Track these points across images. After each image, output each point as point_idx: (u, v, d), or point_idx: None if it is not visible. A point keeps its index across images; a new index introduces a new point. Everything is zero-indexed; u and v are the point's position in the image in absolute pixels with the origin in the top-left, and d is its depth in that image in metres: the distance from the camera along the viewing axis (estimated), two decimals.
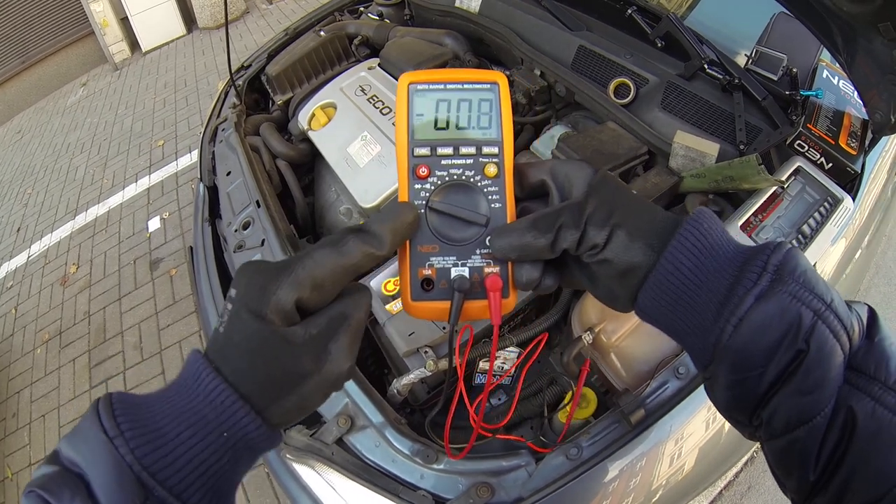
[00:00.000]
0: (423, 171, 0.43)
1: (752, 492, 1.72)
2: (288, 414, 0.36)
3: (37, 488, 0.30)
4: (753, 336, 0.34)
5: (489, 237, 0.42)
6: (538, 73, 1.48)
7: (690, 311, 0.37)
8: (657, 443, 0.89)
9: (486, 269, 0.42)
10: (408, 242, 0.43)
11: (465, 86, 0.44)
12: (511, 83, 1.52)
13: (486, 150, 0.43)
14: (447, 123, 0.44)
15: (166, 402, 0.35)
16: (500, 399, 1.17)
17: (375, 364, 1.24)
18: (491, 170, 0.43)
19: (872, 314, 0.36)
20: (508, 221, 0.42)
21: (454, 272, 0.42)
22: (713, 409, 0.83)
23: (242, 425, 0.34)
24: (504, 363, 1.05)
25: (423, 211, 0.43)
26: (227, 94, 1.90)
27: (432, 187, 0.43)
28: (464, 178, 0.43)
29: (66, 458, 0.32)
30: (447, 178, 0.43)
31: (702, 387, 0.87)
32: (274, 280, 0.35)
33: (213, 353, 0.36)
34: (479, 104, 0.44)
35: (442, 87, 0.44)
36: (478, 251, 0.42)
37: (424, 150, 0.43)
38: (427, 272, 0.42)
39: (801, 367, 0.33)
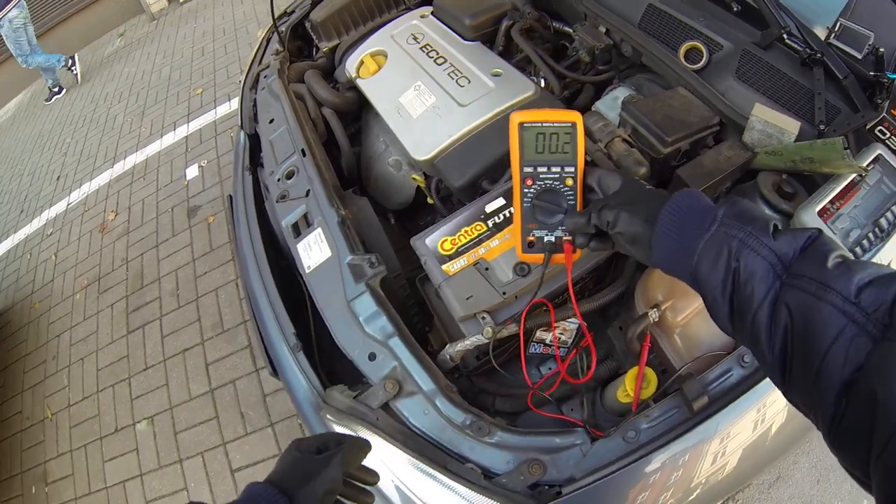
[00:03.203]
0: (529, 181, 0.75)
1: (781, 482, 1.67)
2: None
3: None
4: (707, 265, 0.55)
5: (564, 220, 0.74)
6: (603, 30, 1.36)
7: (680, 260, 0.58)
8: (703, 439, 0.83)
9: (564, 238, 0.75)
10: (520, 220, 0.77)
11: (555, 125, 0.73)
12: (573, 39, 1.40)
13: (567, 169, 0.74)
14: (543, 149, 0.74)
15: None
16: (549, 369, 1.12)
17: (421, 321, 1.19)
18: (569, 181, 0.74)
19: (814, 234, 0.52)
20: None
21: (546, 238, 0.76)
22: (762, 410, 0.87)
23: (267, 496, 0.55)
24: (563, 333, 0.99)
25: (529, 204, 0.75)
26: (268, 40, 1.81)
27: (535, 191, 0.75)
28: (553, 185, 0.74)
29: None
30: (543, 186, 0.75)
31: (761, 384, 0.84)
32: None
33: None
34: (563, 136, 0.73)
35: (539, 125, 0.74)
36: (559, 228, 0.75)
37: (530, 169, 0.75)
38: (531, 238, 0.77)
39: (738, 277, 0.52)
